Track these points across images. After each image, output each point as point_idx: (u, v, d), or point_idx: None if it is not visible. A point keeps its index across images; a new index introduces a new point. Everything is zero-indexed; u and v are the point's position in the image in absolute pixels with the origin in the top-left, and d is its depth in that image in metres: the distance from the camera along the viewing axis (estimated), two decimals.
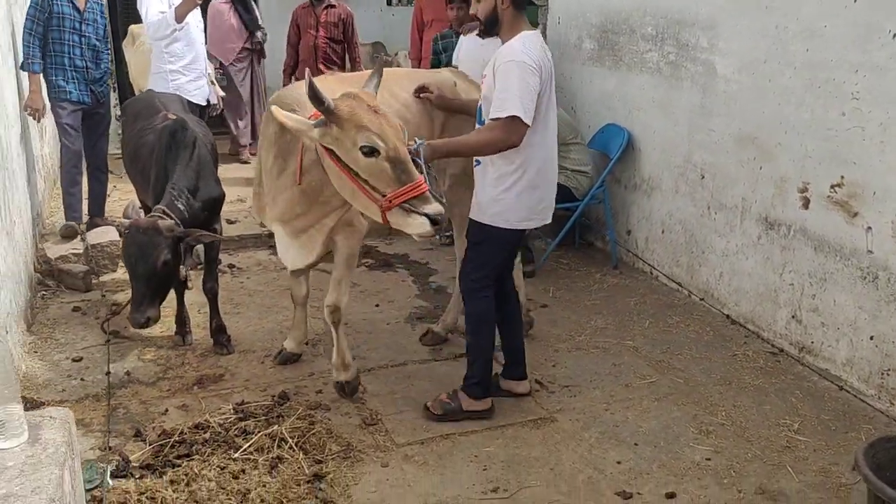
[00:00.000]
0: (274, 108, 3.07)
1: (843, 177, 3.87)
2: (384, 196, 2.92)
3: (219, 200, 4.28)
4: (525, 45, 3.26)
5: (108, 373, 3.96)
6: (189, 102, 5.83)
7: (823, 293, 4.04)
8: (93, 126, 5.69)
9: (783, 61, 4.18)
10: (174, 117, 4.26)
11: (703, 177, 4.89)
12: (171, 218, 3.77)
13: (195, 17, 5.96)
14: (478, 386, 3.59)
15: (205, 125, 4.69)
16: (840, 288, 3.93)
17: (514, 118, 3.16)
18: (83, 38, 5.44)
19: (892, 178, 3.60)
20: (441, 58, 5.54)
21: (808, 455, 3.37)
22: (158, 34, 5.79)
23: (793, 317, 4.23)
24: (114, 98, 8.37)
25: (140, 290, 3.70)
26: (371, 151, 2.92)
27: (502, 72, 3.20)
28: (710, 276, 4.89)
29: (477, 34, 4.63)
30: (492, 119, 3.22)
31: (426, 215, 2.90)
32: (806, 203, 4.11)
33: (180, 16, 5.67)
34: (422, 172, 3.00)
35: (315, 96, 2.90)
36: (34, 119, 5.48)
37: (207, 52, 6.48)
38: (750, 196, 4.50)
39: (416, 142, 3.12)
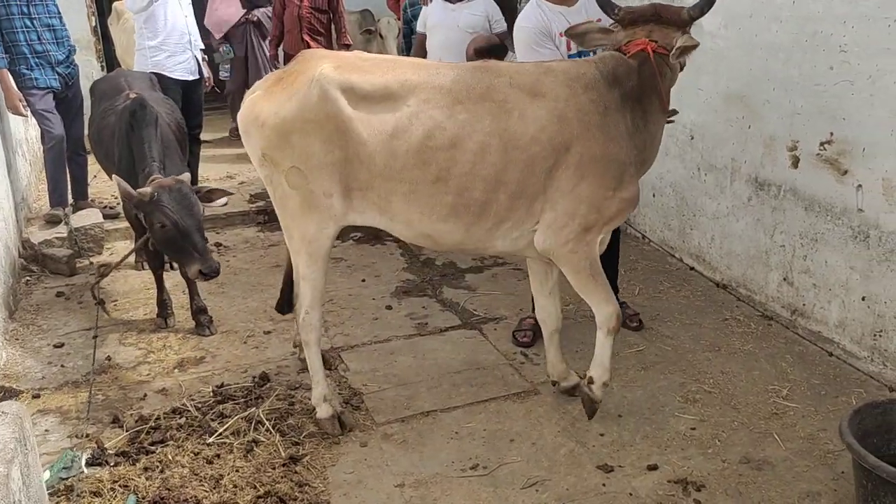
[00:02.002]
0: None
1: (832, 133, 3.73)
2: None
3: None
4: None
5: (95, 337, 4.09)
6: (171, 79, 5.72)
7: (815, 254, 3.93)
8: (64, 110, 5.56)
9: (769, 15, 4.02)
10: (134, 96, 4.17)
11: (692, 137, 4.75)
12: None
13: None
14: None
15: (171, 103, 4.59)
16: (831, 248, 3.82)
17: None
18: (34, 21, 5.25)
19: (881, 133, 3.47)
20: (412, 26, 5.39)
21: (796, 422, 3.30)
22: (136, 6, 5.68)
23: (784, 279, 4.13)
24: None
25: (197, 240, 3.76)
26: None
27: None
28: (701, 240, 4.78)
29: None
30: None
31: None
32: (795, 162, 3.98)
33: None
34: None
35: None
36: (20, 115, 5.39)
37: (203, 26, 6.31)
38: (739, 156, 4.37)
39: None
